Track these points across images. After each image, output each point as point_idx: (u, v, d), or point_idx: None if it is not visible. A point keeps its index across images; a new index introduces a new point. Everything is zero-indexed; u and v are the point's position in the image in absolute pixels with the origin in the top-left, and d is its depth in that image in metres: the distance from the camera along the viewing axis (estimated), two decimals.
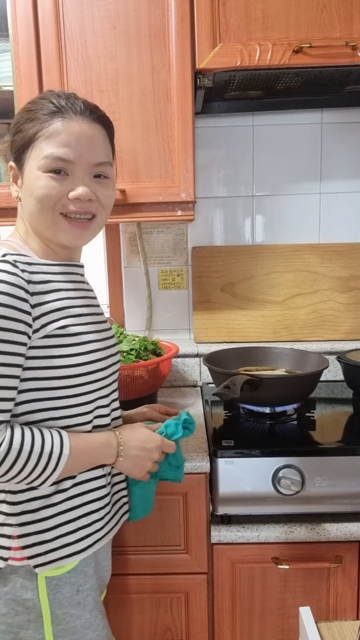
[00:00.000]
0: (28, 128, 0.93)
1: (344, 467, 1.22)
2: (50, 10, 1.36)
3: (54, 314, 0.91)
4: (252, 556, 1.25)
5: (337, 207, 1.80)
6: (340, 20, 1.33)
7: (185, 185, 1.43)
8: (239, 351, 1.63)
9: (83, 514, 0.96)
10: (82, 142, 0.92)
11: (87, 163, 0.93)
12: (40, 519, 0.92)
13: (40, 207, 0.93)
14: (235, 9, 1.34)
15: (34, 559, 0.91)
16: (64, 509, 0.93)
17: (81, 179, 0.93)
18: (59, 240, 0.96)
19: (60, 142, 0.91)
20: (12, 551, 0.91)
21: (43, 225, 0.95)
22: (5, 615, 0.92)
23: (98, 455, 0.96)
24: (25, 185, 0.95)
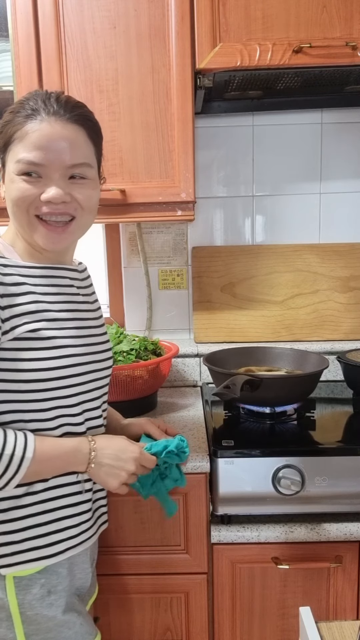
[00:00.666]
0: (7, 129, 0.92)
1: (344, 467, 1.22)
2: (50, 10, 1.36)
3: (25, 317, 0.90)
4: (252, 556, 1.25)
5: (337, 207, 1.80)
6: (340, 20, 1.33)
7: (185, 185, 1.43)
8: (239, 351, 1.62)
9: (55, 518, 0.94)
10: (53, 144, 0.90)
11: (60, 165, 0.91)
12: (9, 519, 0.90)
13: (15, 209, 0.92)
14: (235, 9, 1.34)
15: (0, 559, 0.90)
16: (34, 511, 0.92)
17: (54, 181, 0.91)
18: (37, 243, 0.94)
19: (32, 145, 0.89)
20: None
21: (20, 228, 0.95)
22: None
23: (67, 461, 0.93)
24: (5, 187, 0.94)
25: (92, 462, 0.94)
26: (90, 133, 0.96)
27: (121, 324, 1.86)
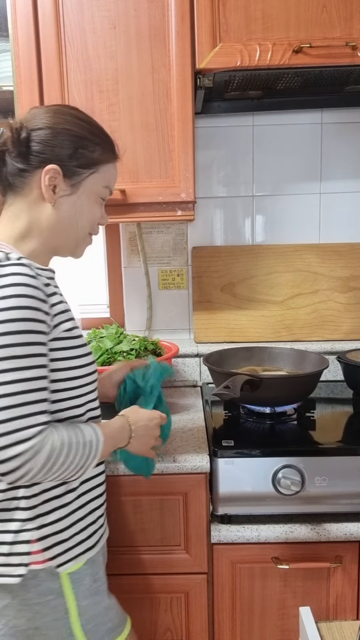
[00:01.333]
0: (94, 150, 0.98)
1: (344, 467, 1.22)
2: (50, 10, 1.36)
3: (61, 316, 0.93)
4: (252, 556, 1.25)
5: (337, 207, 1.80)
6: (340, 20, 1.33)
7: (185, 185, 1.43)
8: (239, 351, 1.62)
9: (90, 510, 1.00)
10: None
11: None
12: (56, 519, 0.94)
13: (80, 227, 1.00)
14: (235, 9, 1.34)
15: (55, 559, 0.93)
16: (75, 507, 0.96)
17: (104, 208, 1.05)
18: (74, 253, 1.04)
19: (115, 179, 1.05)
20: (33, 555, 0.92)
21: (68, 240, 1.00)
22: (31, 619, 0.93)
23: (118, 439, 1.00)
24: (71, 201, 0.97)
25: (132, 436, 1.02)
26: None
27: (121, 324, 1.86)
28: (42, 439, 0.83)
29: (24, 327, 0.83)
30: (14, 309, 0.83)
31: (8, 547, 0.91)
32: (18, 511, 0.91)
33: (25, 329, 0.83)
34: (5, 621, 0.93)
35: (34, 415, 0.83)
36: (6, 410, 0.81)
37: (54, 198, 0.96)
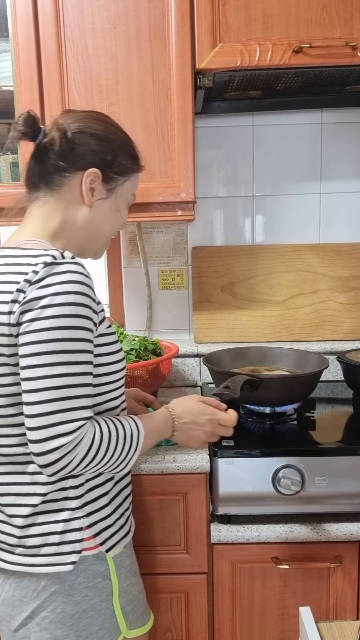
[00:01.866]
0: (128, 159, 1.04)
1: (344, 467, 1.22)
2: (50, 10, 1.36)
3: (102, 314, 0.95)
4: (252, 556, 1.25)
5: (337, 207, 1.80)
6: (340, 20, 1.33)
7: (185, 185, 1.43)
8: (239, 351, 1.62)
9: (125, 497, 1.04)
10: None
11: None
12: (101, 507, 0.97)
13: (110, 230, 1.05)
14: (235, 9, 1.34)
15: (104, 545, 0.97)
16: (114, 494, 1.00)
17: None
18: (96, 255, 1.08)
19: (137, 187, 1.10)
20: (85, 542, 0.95)
21: (96, 241, 1.05)
22: (80, 603, 0.95)
23: (160, 431, 1.01)
24: (106, 204, 1.02)
25: (176, 429, 1.02)
26: None
27: (121, 324, 1.86)
28: (83, 433, 0.85)
29: (77, 323, 0.85)
30: (69, 304, 0.84)
31: (59, 536, 0.93)
32: (67, 501, 0.93)
33: (77, 325, 0.85)
34: (53, 607, 0.94)
35: (77, 410, 0.85)
36: (51, 403, 0.83)
37: (92, 200, 1.00)
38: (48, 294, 0.83)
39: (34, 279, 0.84)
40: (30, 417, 0.83)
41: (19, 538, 0.93)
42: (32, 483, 0.92)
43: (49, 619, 0.93)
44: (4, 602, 0.95)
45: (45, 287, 0.84)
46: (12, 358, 0.87)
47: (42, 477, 0.91)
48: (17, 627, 0.94)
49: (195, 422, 1.03)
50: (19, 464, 0.92)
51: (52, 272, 0.85)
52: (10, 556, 0.94)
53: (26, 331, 0.83)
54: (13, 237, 1.00)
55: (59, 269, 0.85)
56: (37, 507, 0.92)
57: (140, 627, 1.06)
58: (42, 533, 0.92)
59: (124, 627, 1.01)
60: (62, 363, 0.84)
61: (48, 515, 0.93)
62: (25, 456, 0.91)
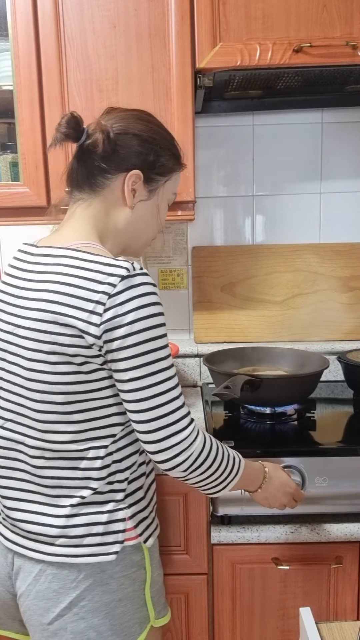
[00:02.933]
0: (170, 158, 1.03)
1: (345, 468, 1.22)
2: (50, 10, 1.35)
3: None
4: (252, 557, 1.25)
5: (337, 207, 1.79)
6: (341, 20, 1.33)
7: (185, 185, 1.42)
8: (239, 351, 1.62)
9: (154, 491, 1.07)
10: None
11: None
12: (139, 499, 0.99)
13: (152, 230, 1.07)
14: (235, 9, 1.34)
15: (143, 535, 0.99)
16: (146, 487, 1.02)
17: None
18: (138, 253, 1.11)
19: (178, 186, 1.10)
20: (127, 532, 0.97)
21: (140, 242, 1.07)
22: (116, 592, 0.96)
23: (253, 478, 1.05)
24: (148, 205, 1.02)
25: (262, 487, 1.07)
26: None
27: None
28: (196, 431, 0.92)
29: (161, 331, 0.90)
30: (152, 316, 0.89)
31: (103, 526, 0.94)
32: (113, 493, 0.95)
33: (162, 334, 0.90)
34: (92, 596, 0.94)
35: (182, 408, 0.91)
36: (160, 407, 0.89)
37: (134, 202, 1.00)
38: (132, 308, 0.87)
39: (113, 292, 0.86)
40: (141, 422, 0.89)
41: (62, 528, 0.94)
42: (84, 478, 0.93)
43: (87, 607, 0.94)
44: (37, 596, 0.95)
45: (127, 302, 0.87)
46: (76, 358, 0.88)
47: (94, 472, 0.93)
48: (53, 620, 0.94)
49: (278, 490, 1.09)
50: (71, 459, 0.93)
51: (129, 285, 0.87)
52: (50, 547, 0.94)
53: (122, 347, 0.87)
54: (60, 237, 0.99)
55: (134, 281, 0.88)
56: (85, 499, 0.94)
57: (164, 617, 1.08)
58: (87, 523, 0.94)
59: (153, 616, 1.03)
60: (159, 370, 0.89)
61: (94, 507, 0.94)
62: (77, 452, 0.92)
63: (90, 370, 0.89)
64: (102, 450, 0.93)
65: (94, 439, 0.92)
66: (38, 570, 0.95)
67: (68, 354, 0.88)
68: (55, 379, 0.89)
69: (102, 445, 0.93)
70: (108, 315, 0.86)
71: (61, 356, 0.88)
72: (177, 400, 0.91)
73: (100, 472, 0.93)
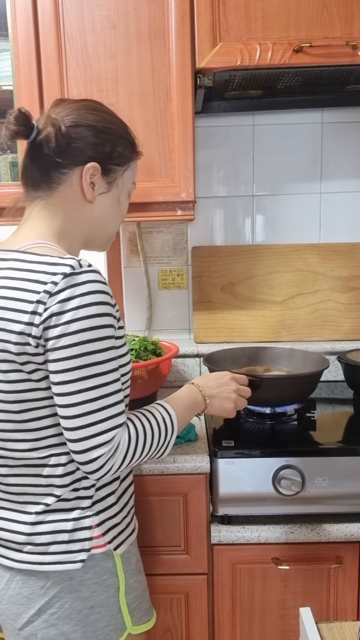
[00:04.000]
0: (127, 147, 1.01)
1: (345, 468, 1.22)
2: (50, 10, 1.35)
3: (118, 315, 0.95)
4: (253, 557, 1.25)
5: (337, 207, 1.79)
6: (341, 20, 1.33)
7: (185, 185, 1.43)
8: (239, 351, 1.62)
9: (130, 495, 1.05)
10: None
11: None
12: (109, 505, 0.97)
13: (115, 223, 1.04)
14: (236, 8, 1.34)
15: (112, 542, 0.97)
16: (120, 492, 1.01)
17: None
18: (101, 249, 1.08)
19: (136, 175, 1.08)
20: (94, 540, 0.95)
21: (103, 235, 1.04)
22: (88, 599, 0.95)
23: (192, 405, 1.02)
24: (108, 197, 1.00)
25: (206, 397, 1.04)
26: None
27: None
28: (118, 439, 0.87)
29: (102, 333, 0.85)
30: (92, 317, 0.84)
31: (68, 534, 0.93)
32: (79, 500, 0.94)
33: (102, 336, 0.86)
34: (61, 603, 0.94)
35: (112, 419, 0.86)
36: (87, 416, 0.85)
37: (94, 195, 0.97)
38: (71, 307, 0.83)
39: (54, 290, 0.83)
40: (69, 430, 0.86)
41: (28, 535, 0.93)
42: (47, 485, 0.92)
43: (57, 615, 0.93)
44: (10, 600, 0.95)
45: (67, 300, 0.83)
46: (26, 366, 0.86)
47: (57, 479, 0.91)
48: (23, 625, 0.94)
49: (220, 383, 1.06)
50: (33, 466, 0.92)
51: (72, 283, 0.84)
52: (18, 554, 0.94)
53: (55, 347, 0.83)
54: (16, 239, 0.96)
55: (78, 279, 0.84)
56: (50, 506, 0.92)
57: (145, 623, 1.06)
58: (52, 531, 0.93)
59: (130, 623, 1.01)
60: (93, 375, 0.85)
61: (59, 514, 0.93)
62: (38, 460, 0.91)
63: (40, 378, 0.87)
64: (64, 457, 0.91)
65: (54, 446, 0.90)
66: (9, 576, 0.95)
67: (17, 361, 0.86)
68: (8, 388, 0.87)
69: (63, 452, 0.91)
70: (47, 314, 0.83)
71: (11, 364, 0.86)
72: (108, 409, 0.86)
73: (63, 479, 0.91)
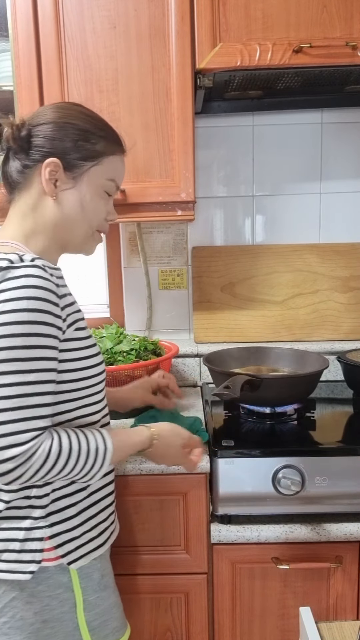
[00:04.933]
0: (97, 142, 0.97)
1: (344, 467, 1.22)
2: (50, 10, 1.36)
3: (74, 316, 0.93)
4: (252, 556, 1.25)
5: (337, 207, 1.79)
6: (341, 20, 1.33)
7: (185, 185, 1.43)
8: (239, 351, 1.62)
9: (101, 509, 1.01)
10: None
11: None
12: (68, 517, 0.95)
13: (87, 222, 0.99)
14: (235, 9, 1.34)
15: (66, 557, 0.95)
16: (86, 505, 0.98)
17: (112, 204, 1.04)
18: (84, 251, 1.03)
19: (122, 174, 1.03)
20: (45, 552, 0.93)
21: (75, 237, 1.00)
22: (40, 612, 0.94)
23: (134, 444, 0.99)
24: (73, 194, 0.96)
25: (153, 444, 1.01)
26: None
27: (121, 324, 1.85)
28: (38, 444, 0.84)
29: (30, 330, 0.83)
30: (21, 311, 0.83)
31: (19, 544, 0.92)
32: (31, 509, 0.92)
33: (30, 332, 0.83)
34: (13, 614, 0.93)
35: (32, 420, 0.84)
36: (3, 412, 0.82)
37: (55, 192, 0.96)
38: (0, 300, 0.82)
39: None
40: None
41: None
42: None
43: (9, 624, 0.93)
44: None
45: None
46: None
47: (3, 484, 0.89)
48: None
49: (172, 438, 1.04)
50: None
51: (6, 277, 0.83)
52: None
53: None
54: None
55: (14, 273, 0.84)
56: (2, 512, 0.91)
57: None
58: (4, 539, 0.91)
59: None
60: (14, 372, 0.82)
61: (11, 522, 0.92)
62: None
63: None
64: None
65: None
66: None
67: None
68: None
69: None
70: None
71: None
72: (27, 410, 0.83)
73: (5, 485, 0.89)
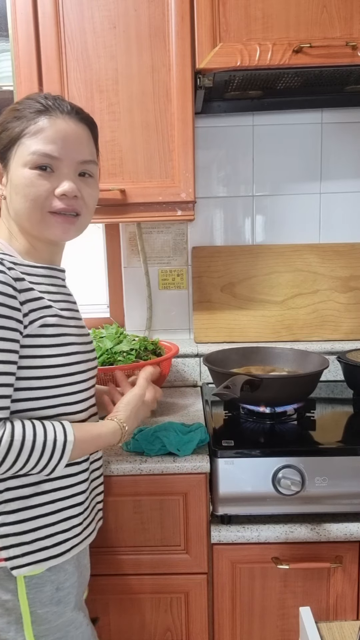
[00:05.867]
0: (14, 126, 0.94)
1: (344, 467, 1.22)
2: (50, 10, 1.36)
3: (39, 312, 0.92)
4: (252, 556, 1.25)
5: (337, 207, 1.79)
6: (341, 20, 1.33)
7: (185, 185, 1.43)
8: (239, 351, 1.62)
9: (62, 518, 0.96)
10: (68, 139, 0.94)
11: (73, 160, 0.95)
12: (19, 520, 0.91)
13: (28, 205, 0.93)
14: (235, 9, 1.34)
15: (11, 561, 0.91)
16: (43, 512, 0.94)
17: (67, 175, 0.94)
18: (47, 236, 0.97)
19: (47, 139, 0.92)
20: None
21: (31, 223, 0.95)
22: None
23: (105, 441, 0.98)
24: (11, 183, 0.95)
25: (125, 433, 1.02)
26: (93, 134, 1.02)
27: (121, 324, 1.85)
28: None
29: None
30: None
31: None
32: None
33: None
34: None
35: None
36: None
37: (1, 189, 0.97)
38: None
39: None
40: None
41: None
42: None
43: None
44: None
45: None
46: None
47: None
48: None
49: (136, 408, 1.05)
50: None
51: None
52: None
53: None
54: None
55: None
56: None
57: None
58: None
59: None
60: None
61: None
62: None
63: None
64: None
65: None
66: None
67: None
68: None
69: None
70: None
71: None
72: None
73: None
